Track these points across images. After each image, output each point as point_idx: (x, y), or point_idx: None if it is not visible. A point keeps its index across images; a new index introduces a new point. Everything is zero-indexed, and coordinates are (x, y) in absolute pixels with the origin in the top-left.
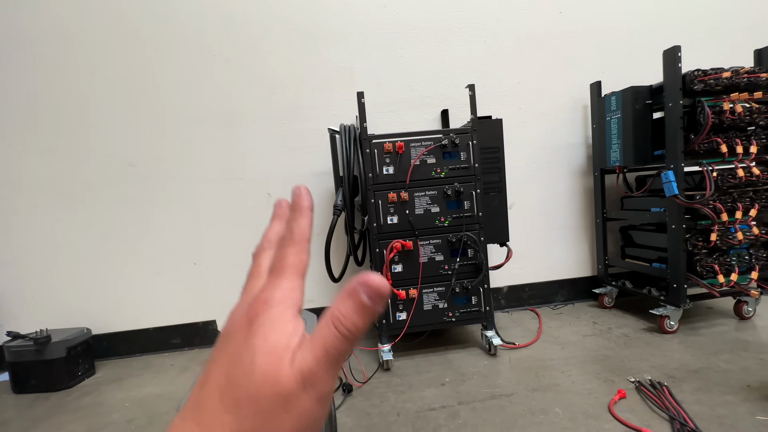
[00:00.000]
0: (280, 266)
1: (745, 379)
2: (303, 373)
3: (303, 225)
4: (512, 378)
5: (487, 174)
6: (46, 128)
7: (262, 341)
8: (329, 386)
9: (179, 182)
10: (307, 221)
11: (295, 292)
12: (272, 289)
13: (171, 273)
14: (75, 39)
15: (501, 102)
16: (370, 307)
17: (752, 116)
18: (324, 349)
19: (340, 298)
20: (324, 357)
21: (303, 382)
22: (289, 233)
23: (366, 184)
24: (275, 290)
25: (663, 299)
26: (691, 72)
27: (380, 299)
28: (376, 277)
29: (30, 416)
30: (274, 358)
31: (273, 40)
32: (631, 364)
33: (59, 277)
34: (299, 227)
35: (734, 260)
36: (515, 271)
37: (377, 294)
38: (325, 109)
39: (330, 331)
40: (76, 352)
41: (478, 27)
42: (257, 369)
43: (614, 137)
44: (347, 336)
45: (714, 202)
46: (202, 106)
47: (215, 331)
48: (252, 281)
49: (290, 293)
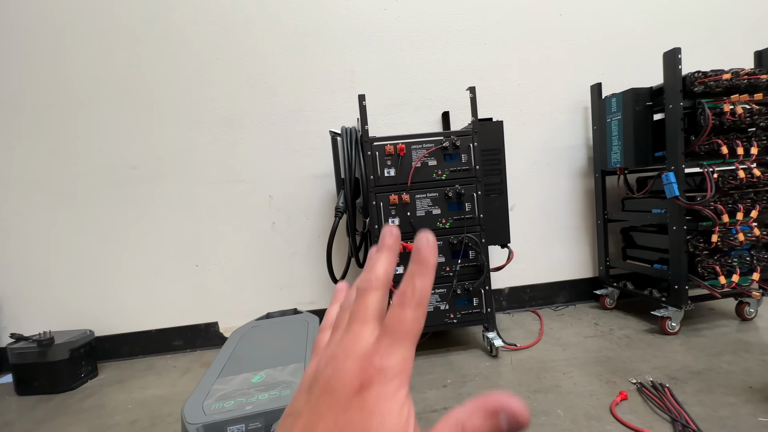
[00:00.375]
0: (398, 329)
1: (747, 381)
2: None
3: (427, 285)
4: (514, 379)
5: (488, 176)
6: (48, 130)
7: (379, 424)
8: None
9: (181, 184)
10: (431, 282)
11: (409, 364)
12: (388, 356)
13: (173, 275)
14: (76, 41)
15: (502, 104)
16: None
17: (753, 118)
18: None
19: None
20: None
21: None
22: (412, 291)
23: (367, 186)
24: (391, 358)
25: (664, 300)
26: (691, 74)
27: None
28: (519, 404)
29: (33, 418)
30: None
31: (274, 43)
32: (633, 365)
33: (62, 280)
34: (423, 286)
35: (735, 261)
36: (516, 273)
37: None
38: (327, 112)
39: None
40: (79, 353)
41: (479, 29)
42: None
43: (615, 139)
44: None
45: (715, 204)
46: (203, 109)
47: (217, 332)
48: (357, 325)
49: (405, 366)
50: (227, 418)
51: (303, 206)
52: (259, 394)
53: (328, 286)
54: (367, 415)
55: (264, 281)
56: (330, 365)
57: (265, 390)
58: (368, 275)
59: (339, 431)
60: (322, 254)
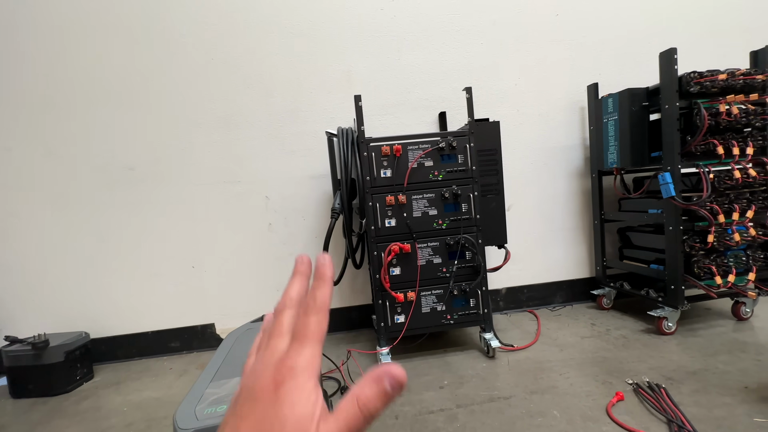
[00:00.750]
0: (303, 333)
1: (743, 381)
2: None
3: (326, 294)
4: (510, 380)
5: (484, 176)
6: (44, 131)
7: (290, 410)
8: None
9: (178, 185)
10: (329, 291)
11: (316, 359)
12: (296, 356)
13: (169, 276)
14: (73, 42)
15: (498, 104)
16: (391, 395)
17: (748, 118)
18: (347, 425)
19: (366, 382)
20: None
21: None
22: (313, 301)
23: (364, 187)
24: (299, 357)
25: (661, 300)
26: (687, 74)
27: (400, 389)
28: (397, 369)
29: (28, 421)
30: (301, 427)
31: (270, 43)
32: (629, 365)
33: (57, 281)
34: (322, 296)
35: (731, 261)
36: (513, 273)
37: (399, 385)
38: (323, 112)
39: (354, 411)
40: (75, 356)
41: (475, 30)
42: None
43: (611, 139)
44: (368, 417)
45: (711, 204)
46: (200, 110)
47: (213, 334)
48: (273, 339)
49: (312, 361)
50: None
51: (300, 207)
52: None
53: None
54: (279, 406)
55: (261, 282)
56: (251, 377)
57: None
58: (283, 298)
59: (257, 425)
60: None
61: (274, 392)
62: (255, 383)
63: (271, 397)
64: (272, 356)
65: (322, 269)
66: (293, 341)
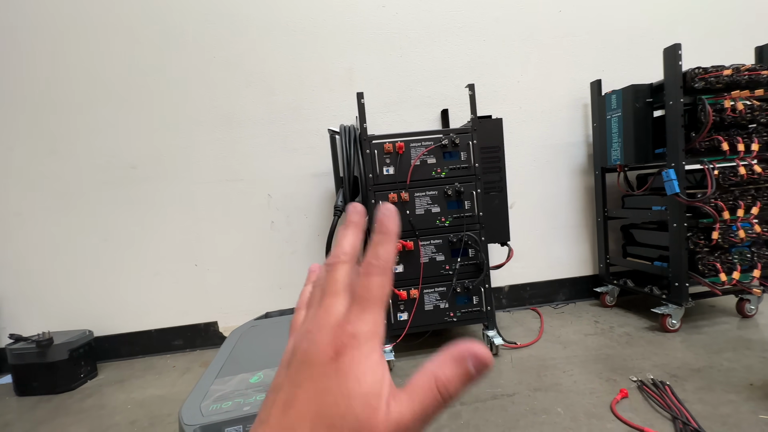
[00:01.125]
0: (366, 296)
1: (748, 378)
2: (399, 427)
3: (390, 252)
4: (514, 378)
5: (487, 173)
6: (47, 130)
7: (355, 385)
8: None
9: (180, 184)
10: (394, 248)
11: (380, 328)
12: (359, 322)
13: (172, 274)
14: (75, 41)
15: (501, 101)
16: (475, 377)
17: (753, 114)
18: (422, 407)
19: (446, 361)
20: (421, 414)
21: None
22: (376, 259)
23: (366, 184)
24: (362, 324)
25: (665, 298)
26: (691, 70)
27: (485, 371)
28: (483, 349)
29: (32, 418)
30: (369, 405)
31: (272, 41)
32: (633, 363)
33: (61, 280)
34: (386, 253)
35: (736, 258)
36: (516, 271)
37: (484, 367)
38: (325, 110)
39: (432, 392)
40: (78, 354)
41: (478, 26)
42: (352, 414)
43: (615, 136)
44: (446, 400)
45: (715, 200)
46: (202, 108)
47: (216, 331)
48: (329, 298)
49: (376, 329)
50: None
51: (302, 205)
52: (257, 395)
53: None
54: (343, 379)
55: (263, 280)
56: (305, 339)
57: (263, 390)
58: (336, 251)
59: (318, 397)
60: (321, 253)
61: (334, 361)
62: (310, 347)
63: (332, 367)
64: (328, 318)
65: (386, 222)
66: (354, 304)
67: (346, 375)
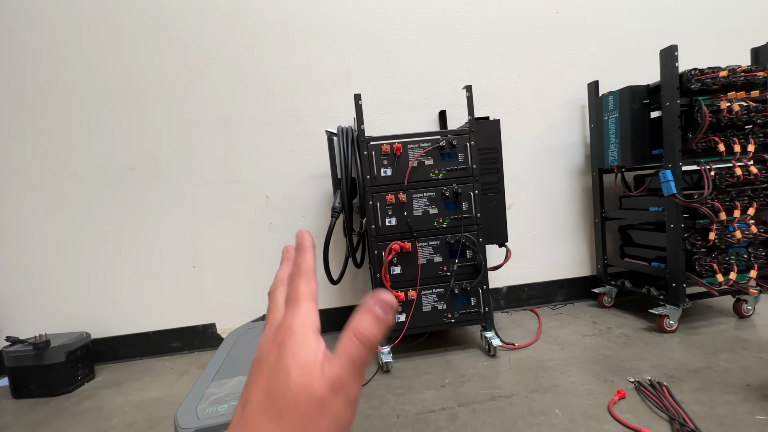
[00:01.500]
0: (294, 296)
1: (745, 378)
2: (333, 381)
3: (308, 259)
4: (512, 379)
5: (485, 175)
6: (44, 132)
7: (292, 359)
8: (356, 390)
9: (178, 185)
10: (311, 256)
11: (311, 315)
12: (291, 317)
13: (170, 276)
14: (73, 42)
15: (498, 102)
16: (384, 318)
17: (750, 115)
18: (348, 358)
19: (358, 314)
20: (349, 365)
21: (333, 388)
22: (297, 268)
23: (364, 186)
24: (294, 317)
25: (662, 298)
26: (688, 71)
27: (392, 311)
28: (386, 294)
29: (29, 421)
30: (306, 371)
31: (270, 43)
32: (631, 364)
33: (58, 282)
34: (305, 262)
35: (733, 259)
36: (514, 272)
37: (389, 307)
38: (323, 111)
39: (352, 343)
40: (76, 356)
41: (475, 28)
42: (292, 382)
43: (612, 137)
44: (367, 344)
45: (712, 201)
46: (199, 109)
47: (214, 333)
48: (271, 315)
49: (308, 317)
50: (220, 423)
51: (300, 206)
52: None
53: (325, 287)
54: (281, 359)
55: (261, 282)
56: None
57: None
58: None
59: (266, 385)
60: (319, 254)
61: (277, 351)
62: (260, 351)
63: (275, 356)
64: (271, 326)
65: (300, 241)
66: (286, 307)
67: (284, 356)
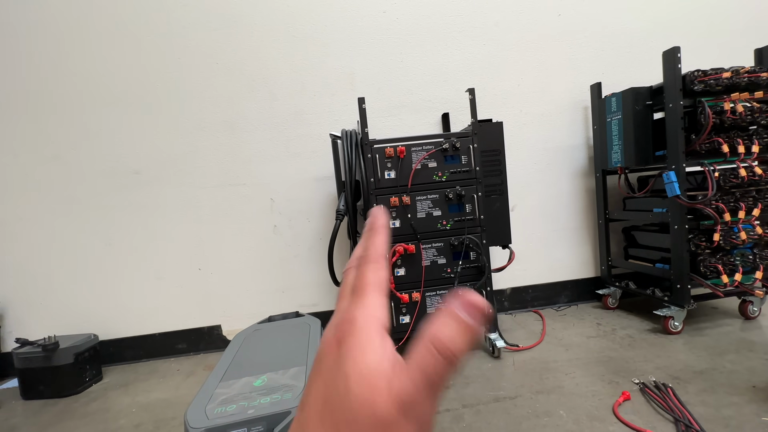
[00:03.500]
0: (360, 285)
1: (750, 380)
2: (402, 401)
3: (378, 243)
4: (516, 380)
5: (488, 177)
6: (50, 135)
7: (352, 365)
8: (430, 414)
9: (183, 188)
10: (381, 239)
11: (378, 310)
12: (356, 308)
13: (176, 278)
14: (78, 46)
15: (501, 105)
16: (473, 327)
17: (753, 116)
18: (423, 373)
19: (439, 319)
20: (424, 382)
21: (403, 409)
22: (365, 252)
23: (368, 188)
24: (358, 309)
25: (667, 300)
26: (691, 72)
27: (483, 318)
28: (475, 295)
29: (38, 422)
30: (369, 383)
31: (274, 47)
32: (636, 365)
33: (66, 284)
34: (374, 245)
35: (738, 260)
36: (518, 273)
37: (480, 313)
38: (327, 115)
39: (432, 356)
40: (84, 358)
41: (478, 31)
42: (352, 395)
43: (615, 138)
44: (450, 358)
45: (716, 202)
46: (204, 113)
47: (220, 335)
48: (340, 302)
49: (374, 312)
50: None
51: (304, 209)
52: (261, 398)
53: (329, 289)
54: (342, 363)
55: (266, 284)
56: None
57: (267, 394)
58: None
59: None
60: (323, 257)
61: (337, 349)
62: (321, 346)
63: (335, 355)
64: (336, 317)
65: (372, 220)
66: (352, 296)
67: (344, 359)
